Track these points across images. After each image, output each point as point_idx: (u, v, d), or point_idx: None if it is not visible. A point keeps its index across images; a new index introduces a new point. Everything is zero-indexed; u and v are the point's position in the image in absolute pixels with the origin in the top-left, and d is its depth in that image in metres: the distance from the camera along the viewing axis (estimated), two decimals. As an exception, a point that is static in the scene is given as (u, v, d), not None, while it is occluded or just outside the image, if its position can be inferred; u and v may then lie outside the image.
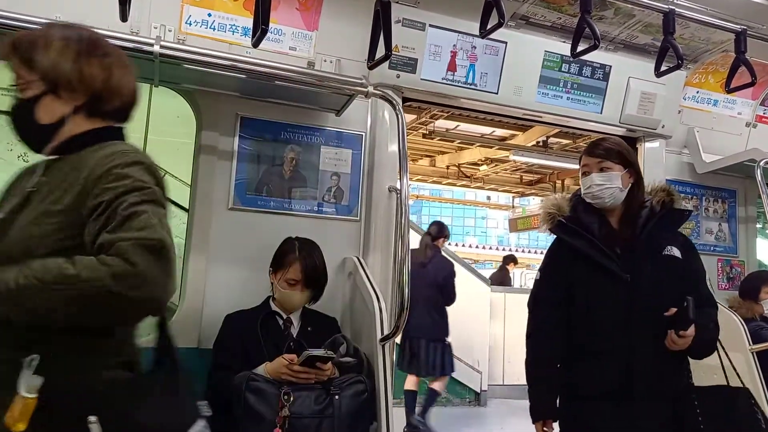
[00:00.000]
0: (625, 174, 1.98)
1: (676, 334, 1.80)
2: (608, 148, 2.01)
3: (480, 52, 2.73)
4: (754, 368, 2.66)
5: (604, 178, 1.96)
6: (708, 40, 2.95)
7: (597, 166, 1.98)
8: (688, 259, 1.97)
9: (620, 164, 1.98)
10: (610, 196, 1.96)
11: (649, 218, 1.97)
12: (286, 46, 2.50)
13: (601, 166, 1.98)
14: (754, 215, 3.58)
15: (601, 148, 2.02)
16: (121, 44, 1.89)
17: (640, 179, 2.03)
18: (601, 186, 1.96)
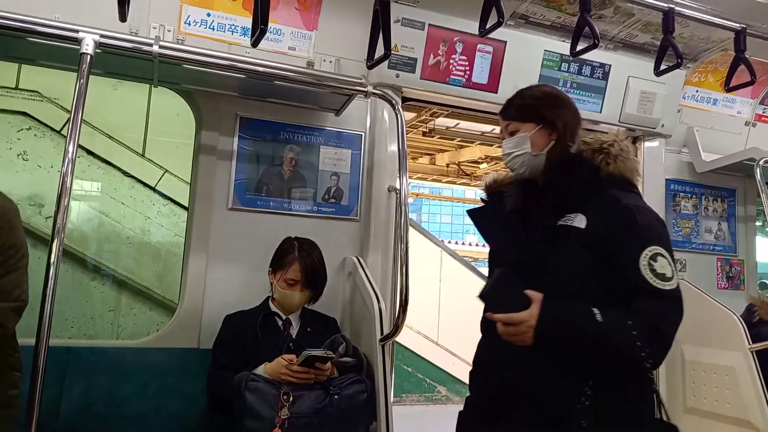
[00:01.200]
0: (538, 133, 1.58)
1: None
2: (517, 105, 1.64)
3: (479, 52, 2.73)
4: (754, 368, 2.66)
5: (511, 144, 1.61)
6: (707, 38, 2.95)
7: (506, 130, 1.65)
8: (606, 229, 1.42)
9: (532, 122, 1.60)
10: (522, 165, 1.59)
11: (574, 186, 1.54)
12: (286, 45, 2.50)
13: (510, 130, 1.63)
14: (753, 214, 3.58)
15: (508, 106, 1.67)
16: (120, 44, 1.91)
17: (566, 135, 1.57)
18: (509, 154, 1.61)
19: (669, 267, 1.39)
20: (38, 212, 3.25)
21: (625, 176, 1.52)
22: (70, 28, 1.83)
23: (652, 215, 1.46)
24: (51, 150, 3.36)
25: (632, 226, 1.41)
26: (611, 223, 1.42)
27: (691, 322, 2.94)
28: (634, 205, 1.45)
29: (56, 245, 1.64)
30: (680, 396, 3.02)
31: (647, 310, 1.35)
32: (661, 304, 1.37)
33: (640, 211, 1.44)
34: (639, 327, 1.33)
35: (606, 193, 1.46)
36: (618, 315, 1.35)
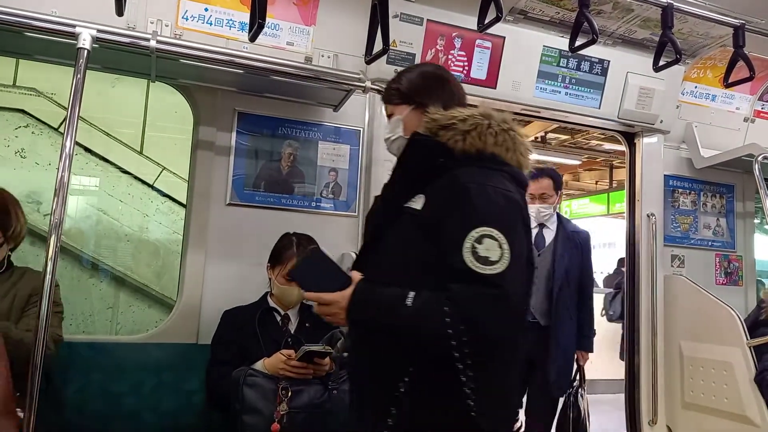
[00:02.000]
0: (411, 115, 1.48)
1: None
2: (394, 89, 1.54)
3: (478, 47, 2.72)
4: (751, 363, 2.67)
5: (388, 128, 1.54)
6: (706, 34, 2.94)
7: (387, 114, 1.57)
8: (441, 209, 1.31)
9: (405, 104, 1.51)
10: (398, 149, 1.49)
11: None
12: (284, 41, 2.49)
13: (388, 113, 1.56)
14: (752, 210, 3.58)
15: (386, 90, 1.57)
16: (117, 39, 1.90)
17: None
18: (387, 140, 1.55)
19: (497, 250, 1.24)
20: (36, 209, 3.24)
21: (485, 152, 1.36)
22: (67, 22, 1.83)
23: (497, 194, 1.31)
24: (48, 147, 3.35)
25: (464, 205, 1.28)
26: (446, 203, 1.31)
27: (689, 318, 3.00)
28: (476, 183, 1.30)
29: (53, 242, 1.64)
30: (678, 391, 3.02)
31: (464, 297, 1.22)
32: (480, 291, 1.22)
33: (481, 189, 1.30)
34: (454, 315, 1.20)
35: (451, 172, 1.34)
36: (435, 301, 1.23)
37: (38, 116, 3.37)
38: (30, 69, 3.28)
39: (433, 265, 1.29)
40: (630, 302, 3.17)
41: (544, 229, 3.17)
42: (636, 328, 3.11)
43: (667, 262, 3.23)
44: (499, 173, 1.36)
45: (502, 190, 1.32)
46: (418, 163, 1.39)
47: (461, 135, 1.36)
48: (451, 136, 1.37)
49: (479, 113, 1.40)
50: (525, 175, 1.45)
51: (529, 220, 1.42)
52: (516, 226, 1.31)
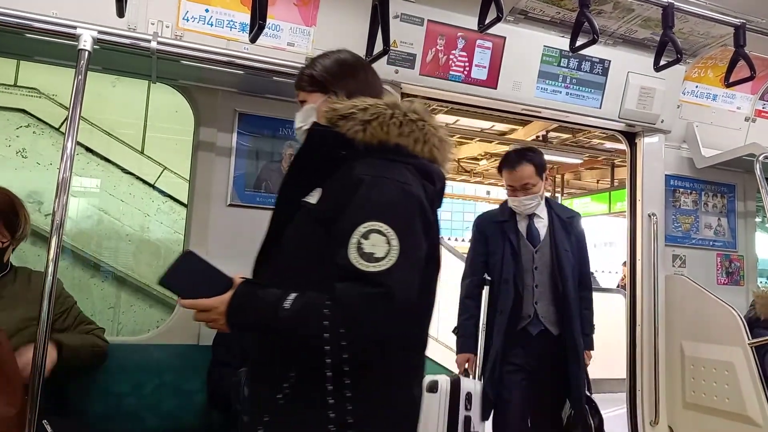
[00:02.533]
0: (325, 102, 1.40)
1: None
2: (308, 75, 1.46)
3: (479, 47, 2.72)
4: (753, 363, 2.66)
5: (300, 116, 1.46)
6: (707, 34, 2.94)
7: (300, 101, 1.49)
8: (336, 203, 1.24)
9: (319, 92, 1.43)
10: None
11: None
12: (284, 41, 2.49)
13: (301, 100, 1.48)
14: (753, 210, 3.58)
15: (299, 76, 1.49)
16: (118, 40, 1.91)
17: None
18: (299, 129, 1.47)
19: (384, 246, 1.16)
20: (37, 209, 3.25)
21: (388, 143, 1.29)
22: (67, 24, 1.83)
23: (393, 187, 1.23)
24: (50, 147, 3.36)
25: (356, 198, 1.21)
26: (339, 196, 1.24)
27: (690, 318, 3.00)
28: (371, 175, 1.23)
29: (55, 242, 1.64)
30: (680, 391, 3.02)
31: (346, 297, 1.14)
32: (362, 290, 1.14)
33: (375, 181, 1.22)
34: (334, 317, 1.13)
35: (350, 164, 1.27)
36: (316, 302, 1.15)
37: (39, 116, 3.38)
38: (31, 69, 3.28)
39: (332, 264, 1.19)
40: (631, 302, 3.17)
41: (535, 220, 2.79)
42: (637, 328, 3.11)
43: (669, 262, 3.23)
44: (403, 166, 1.28)
45: (400, 183, 1.24)
46: (315, 155, 1.32)
47: (361, 125, 1.28)
48: (351, 126, 1.28)
49: (384, 102, 1.32)
50: (438, 169, 1.37)
51: (434, 215, 1.33)
52: (411, 222, 1.23)
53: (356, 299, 1.14)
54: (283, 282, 1.23)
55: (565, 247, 2.75)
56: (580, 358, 2.68)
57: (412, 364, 1.36)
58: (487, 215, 3.06)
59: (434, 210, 1.34)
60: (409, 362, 1.34)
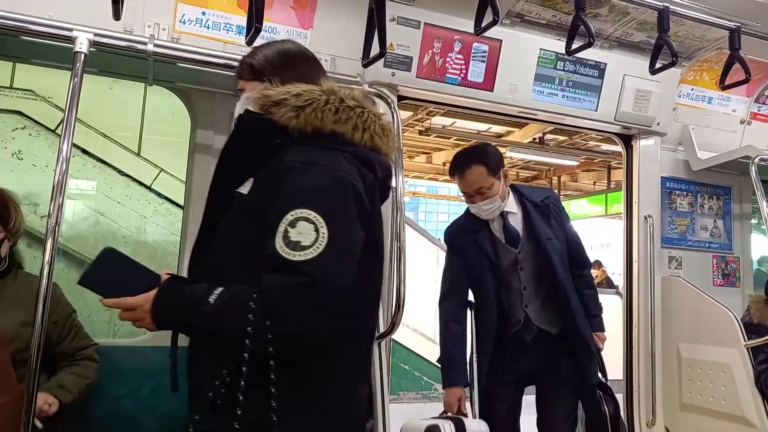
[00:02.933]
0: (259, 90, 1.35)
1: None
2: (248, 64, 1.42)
3: (475, 50, 2.73)
4: (749, 364, 2.67)
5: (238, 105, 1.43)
6: (702, 37, 2.96)
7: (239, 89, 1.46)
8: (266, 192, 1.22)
9: (257, 81, 1.39)
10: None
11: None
12: (281, 44, 2.49)
13: (240, 88, 1.45)
14: (748, 212, 3.59)
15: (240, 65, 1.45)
16: (114, 43, 1.90)
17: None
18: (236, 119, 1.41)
19: (311, 234, 1.12)
20: (33, 211, 3.24)
21: (324, 130, 1.25)
22: (64, 26, 1.83)
23: (325, 174, 1.19)
24: (46, 149, 3.35)
25: (285, 186, 1.17)
26: (269, 184, 1.21)
27: (686, 320, 3.01)
28: (301, 162, 1.19)
29: (50, 244, 1.64)
30: (676, 392, 3.03)
31: (271, 288, 1.11)
32: (286, 280, 1.10)
33: (306, 168, 1.19)
34: (259, 309, 1.09)
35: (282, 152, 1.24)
36: (242, 295, 1.12)
37: (36, 118, 3.37)
38: (27, 71, 3.27)
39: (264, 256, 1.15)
40: (627, 304, 3.18)
41: (509, 218, 2.49)
42: (634, 329, 3.11)
43: (665, 264, 3.24)
44: (339, 153, 1.23)
45: (332, 169, 1.19)
46: (247, 143, 1.28)
47: (294, 111, 1.24)
48: (284, 113, 1.24)
49: (319, 88, 1.28)
50: (381, 157, 1.33)
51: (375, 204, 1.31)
52: (344, 209, 1.18)
53: (279, 290, 1.10)
54: (218, 278, 1.18)
55: (547, 235, 2.47)
56: (590, 349, 2.44)
57: (354, 360, 1.30)
58: (456, 226, 2.65)
59: (376, 199, 1.31)
60: (351, 358, 1.29)
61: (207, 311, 1.12)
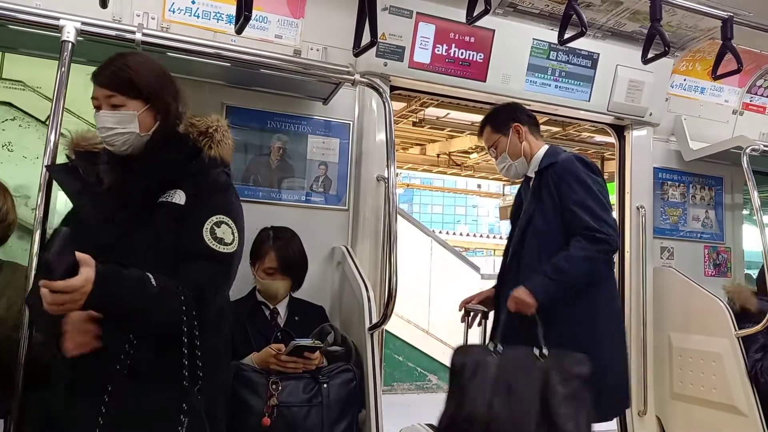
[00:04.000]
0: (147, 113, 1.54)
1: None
2: (122, 77, 1.51)
3: (467, 40, 2.71)
4: (740, 354, 2.69)
5: (114, 119, 1.51)
6: (695, 27, 2.95)
7: (107, 101, 1.52)
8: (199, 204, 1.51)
9: (140, 99, 1.52)
10: (125, 143, 1.53)
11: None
12: (272, 33, 2.47)
13: (113, 102, 1.52)
14: (740, 202, 3.60)
15: (109, 73, 1.52)
16: (102, 32, 1.88)
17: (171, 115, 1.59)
18: (110, 130, 1.51)
19: (230, 235, 1.51)
20: (24, 203, 3.21)
21: (224, 159, 1.64)
22: (50, 15, 1.80)
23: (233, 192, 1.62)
24: (36, 141, 3.32)
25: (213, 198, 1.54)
26: (203, 197, 1.53)
27: (678, 309, 3.02)
28: (224, 183, 1.60)
29: (39, 236, 1.62)
30: (667, 382, 3.05)
31: (198, 272, 1.43)
32: (213, 267, 1.46)
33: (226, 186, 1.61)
34: (187, 289, 1.38)
35: (205, 172, 1.58)
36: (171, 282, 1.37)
37: (25, 109, 3.34)
38: (17, 61, 3.23)
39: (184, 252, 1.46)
40: (620, 294, 3.19)
41: (530, 183, 2.37)
42: (626, 319, 3.13)
43: (657, 254, 3.25)
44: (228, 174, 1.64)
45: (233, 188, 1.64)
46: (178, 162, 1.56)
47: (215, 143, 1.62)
48: (206, 141, 1.61)
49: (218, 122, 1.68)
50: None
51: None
52: (242, 221, 1.57)
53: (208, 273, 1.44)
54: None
55: (529, 213, 2.29)
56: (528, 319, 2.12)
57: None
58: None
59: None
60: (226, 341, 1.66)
61: (152, 292, 1.31)
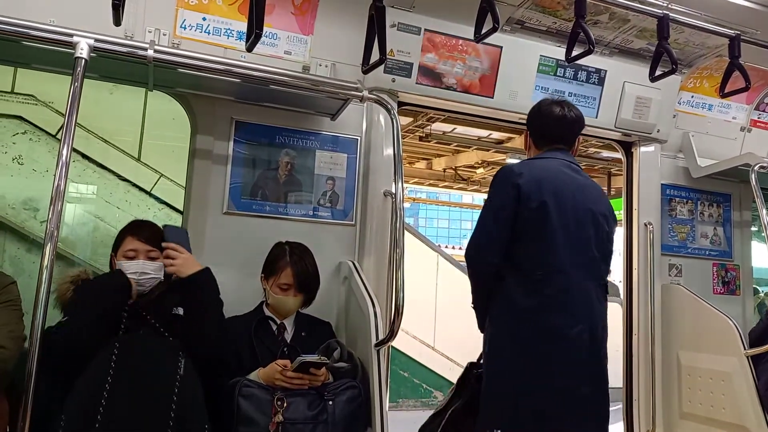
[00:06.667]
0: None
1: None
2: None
3: (475, 57, 2.73)
4: (749, 373, 2.66)
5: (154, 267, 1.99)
6: (702, 44, 2.96)
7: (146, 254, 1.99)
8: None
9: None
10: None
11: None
12: (282, 50, 2.50)
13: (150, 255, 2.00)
14: (748, 219, 3.58)
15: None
16: (115, 48, 1.91)
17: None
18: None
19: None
20: (33, 216, 3.23)
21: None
22: (64, 32, 1.83)
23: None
24: (46, 154, 3.35)
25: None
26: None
27: (686, 327, 3.00)
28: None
29: (49, 249, 1.63)
30: (676, 401, 3.02)
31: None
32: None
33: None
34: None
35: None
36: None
37: (36, 123, 3.37)
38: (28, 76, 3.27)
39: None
40: (627, 312, 3.17)
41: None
42: (634, 337, 3.10)
43: (665, 271, 3.23)
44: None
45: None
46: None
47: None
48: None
49: None
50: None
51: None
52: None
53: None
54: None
55: None
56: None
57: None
58: None
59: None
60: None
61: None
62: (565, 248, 2.10)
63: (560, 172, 2.21)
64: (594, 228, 2.18)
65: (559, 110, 2.28)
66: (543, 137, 2.34)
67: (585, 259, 2.14)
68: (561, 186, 2.16)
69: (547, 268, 2.09)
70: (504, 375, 2.11)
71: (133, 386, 1.65)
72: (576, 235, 2.13)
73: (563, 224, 2.11)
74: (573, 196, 2.17)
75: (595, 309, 2.15)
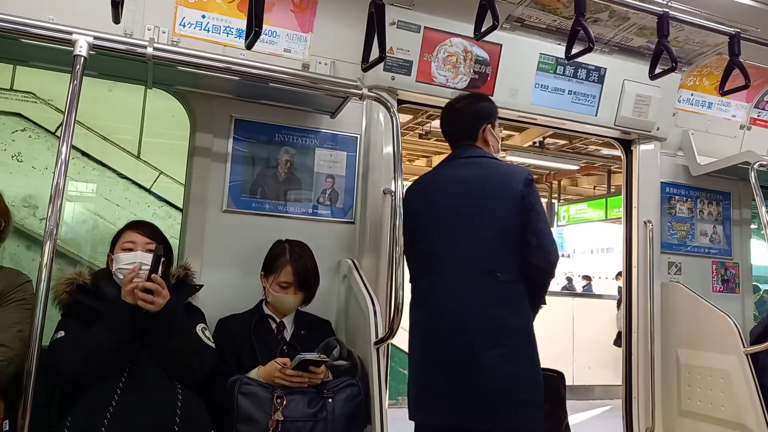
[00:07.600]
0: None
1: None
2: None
3: (475, 55, 2.73)
4: (749, 371, 2.67)
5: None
6: (702, 42, 2.96)
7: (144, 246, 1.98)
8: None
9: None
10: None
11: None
12: (281, 47, 2.49)
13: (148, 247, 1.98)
14: (748, 217, 3.58)
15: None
16: (114, 46, 1.90)
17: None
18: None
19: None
20: (32, 214, 3.23)
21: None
22: (63, 29, 1.82)
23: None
24: (45, 151, 3.34)
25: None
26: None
27: (686, 325, 3.00)
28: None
29: (48, 247, 1.63)
30: (675, 399, 3.02)
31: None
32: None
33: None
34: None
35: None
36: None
37: (35, 120, 3.37)
38: (27, 73, 3.27)
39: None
40: (627, 310, 3.17)
41: None
42: (633, 335, 3.11)
43: (664, 270, 3.23)
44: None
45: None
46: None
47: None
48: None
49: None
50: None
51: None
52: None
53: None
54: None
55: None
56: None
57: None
58: None
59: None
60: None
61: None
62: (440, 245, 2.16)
63: (438, 174, 2.31)
64: (477, 216, 2.13)
65: (449, 107, 2.38)
66: (446, 138, 2.43)
67: (464, 251, 2.11)
68: (434, 189, 2.25)
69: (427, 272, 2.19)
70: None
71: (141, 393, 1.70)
72: (448, 230, 2.15)
73: (437, 224, 2.18)
74: (445, 194, 2.20)
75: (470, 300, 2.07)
